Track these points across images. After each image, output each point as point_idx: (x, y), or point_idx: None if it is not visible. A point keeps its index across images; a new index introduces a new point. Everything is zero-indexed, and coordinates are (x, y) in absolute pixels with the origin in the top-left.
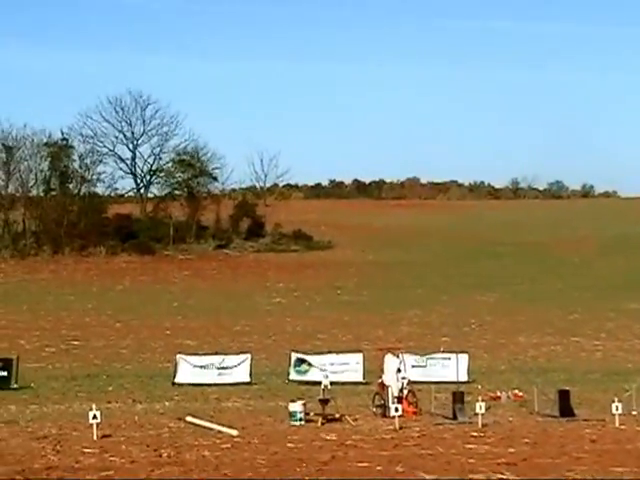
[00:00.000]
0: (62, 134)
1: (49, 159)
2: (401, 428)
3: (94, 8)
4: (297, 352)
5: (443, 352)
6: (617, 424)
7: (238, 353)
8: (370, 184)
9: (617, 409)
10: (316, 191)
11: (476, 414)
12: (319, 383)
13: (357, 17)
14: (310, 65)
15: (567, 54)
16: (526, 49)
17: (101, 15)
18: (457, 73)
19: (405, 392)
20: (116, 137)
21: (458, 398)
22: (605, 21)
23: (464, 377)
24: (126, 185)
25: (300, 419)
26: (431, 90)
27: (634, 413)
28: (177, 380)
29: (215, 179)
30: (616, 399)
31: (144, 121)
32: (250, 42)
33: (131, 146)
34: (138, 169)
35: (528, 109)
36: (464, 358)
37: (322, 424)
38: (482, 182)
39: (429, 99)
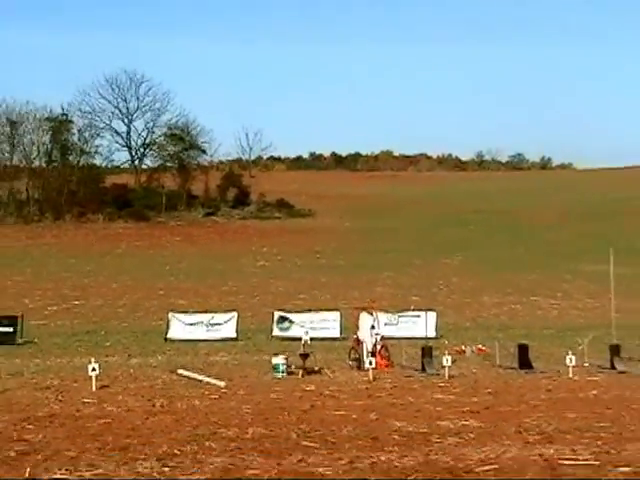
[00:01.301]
0: (62, 110)
1: (50, 133)
2: (374, 380)
3: None
4: (279, 311)
5: (413, 310)
6: (570, 375)
7: (225, 311)
8: (347, 157)
9: (570, 361)
10: (297, 163)
11: (443, 367)
12: (300, 339)
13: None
14: (293, 46)
15: (528, 30)
16: (488, 25)
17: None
18: (426, 50)
19: (378, 347)
20: (112, 112)
21: (427, 352)
22: None
23: (432, 333)
24: (122, 157)
25: (282, 372)
26: (402, 68)
27: (586, 365)
28: (169, 336)
29: (204, 152)
30: (570, 352)
31: (138, 98)
32: (238, 24)
33: (126, 121)
34: (133, 142)
35: (493, 84)
36: (432, 316)
37: (302, 376)
38: (450, 155)
39: (400, 76)
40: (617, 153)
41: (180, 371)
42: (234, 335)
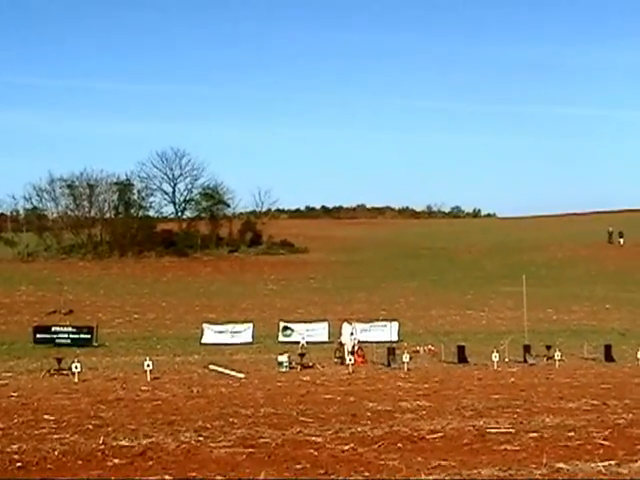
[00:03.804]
0: (126, 176)
1: (118, 193)
2: (353, 372)
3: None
4: (283, 322)
5: (381, 321)
6: (495, 367)
7: (244, 322)
8: (332, 208)
9: (495, 357)
10: (296, 213)
11: (403, 362)
12: (298, 343)
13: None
14: (291, 132)
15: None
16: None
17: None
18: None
19: (356, 348)
20: (162, 178)
21: (391, 352)
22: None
23: (395, 338)
24: (168, 210)
25: (286, 367)
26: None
27: (506, 360)
28: (203, 341)
29: (228, 205)
30: (495, 350)
31: (181, 167)
32: (259, 112)
33: (172, 184)
34: (177, 199)
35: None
36: (395, 325)
37: (300, 370)
38: (407, 207)
39: (373, 144)
40: (528, 204)
41: (211, 366)
42: (250, 340)
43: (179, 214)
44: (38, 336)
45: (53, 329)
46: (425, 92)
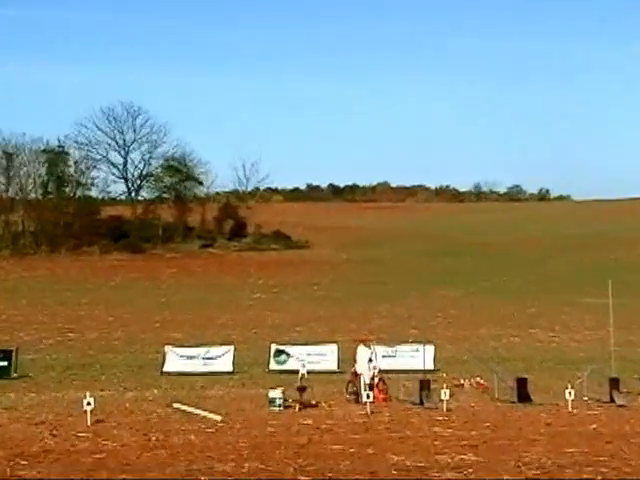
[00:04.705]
0: (58, 142)
1: (46, 165)
2: (372, 413)
3: (88, 25)
4: (276, 344)
5: (411, 343)
6: (570, 409)
7: (222, 344)
8: (344, 188)
9: (570, 395)
10: (294, 194)
11: (441, 400)
12: (297, 372)
13: (335, 34)
14: (291, 77)
15: (524, 65)
16: (485, 58)
17: (95, 31)
18: (424, 81)
19: (376, 380)
20: (109, 144)
21: (425, 385)
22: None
23: (430, 366)
24: (118, 189)
25: (279, 405)
26: (400, 99)
27: (585, 399)
28: (165, 369)
29: (201, 183)
30: (569, 386)
31: (135, 130)
32: (235, 55)
33: (123, 153)
34: (129, 174)
35: (492, 116)
36: (430, 348)
37: (299, 410)
38: (447, 186)
39: (399, 107)
40: (614, 185)
41: (176, 405)
42: (230, 368)
43: (133, 195)
44: None
45: None
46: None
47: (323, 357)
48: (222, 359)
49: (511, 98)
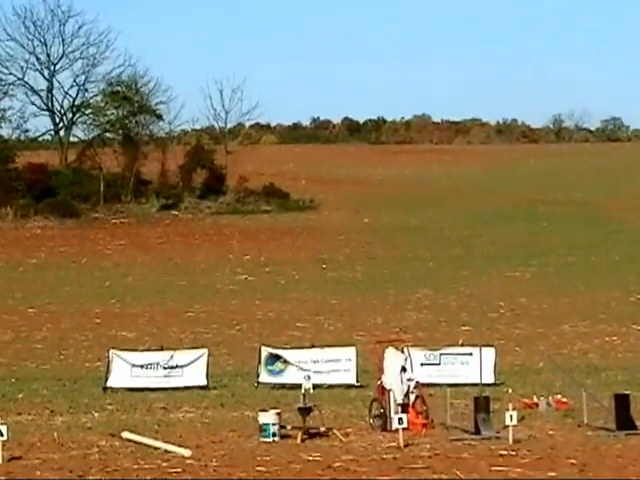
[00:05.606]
0: None
1: None
2: (407, 445)
3: None
4: (269, 346)
5: (462, 346)
6: None
7: (191, 348)
8: (365, 124)
9: None
10: (294, 133)
11: (506, 427)
12: (299, 386)
13: None
14: None
15: None
16: None
17: None
18: None
19: (412, 398)
20: (26, 61)
21: (482, 405)
22: None
23: (490, 378)
24: (41, 126)
25: (273, 434)
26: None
27: None
28: (110, 384)
29: (160, 117)
30: None
31: (64, 40)
32: None
33: (47, 73)
34: (57, 104)
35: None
36: (490, 353)
37: (302, 440)
38: (514, 120)
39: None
40: None
41: (126, 435)
42: (204, 382)
43: (62, 134)
44: None
45: None
46: None
47: (336, 365)
48: (191, 368)
49: None
